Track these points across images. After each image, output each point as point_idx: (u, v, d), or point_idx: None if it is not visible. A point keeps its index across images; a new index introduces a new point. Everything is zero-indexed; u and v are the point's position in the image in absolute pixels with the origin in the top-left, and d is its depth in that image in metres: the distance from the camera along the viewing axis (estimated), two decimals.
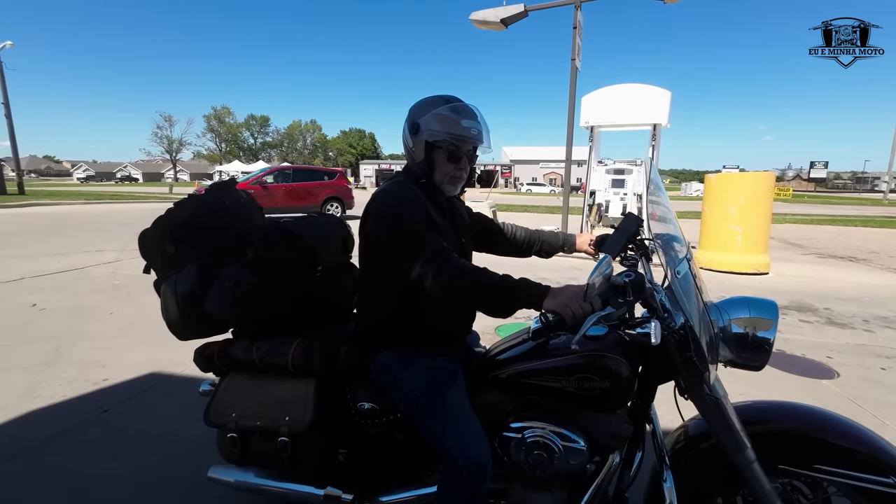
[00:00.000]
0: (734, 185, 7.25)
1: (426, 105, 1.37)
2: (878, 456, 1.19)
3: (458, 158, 1.37)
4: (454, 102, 1.36)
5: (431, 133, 1.33)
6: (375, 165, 65.63)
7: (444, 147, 1.35)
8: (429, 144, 1.35)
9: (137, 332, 3.98)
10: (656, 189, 1.44)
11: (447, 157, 1.36)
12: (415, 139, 1.36)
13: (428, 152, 1.36)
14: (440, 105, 1.34)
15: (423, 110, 1.36)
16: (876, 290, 6.10)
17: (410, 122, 1.37)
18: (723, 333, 1.22)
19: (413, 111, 1.39)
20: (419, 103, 1.39)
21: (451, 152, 1.36)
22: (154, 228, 1.59)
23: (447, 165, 1.38)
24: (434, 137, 1.33)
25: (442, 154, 1.36)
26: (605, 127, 9.48)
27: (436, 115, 1.33)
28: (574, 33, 8.05)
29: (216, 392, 1.48)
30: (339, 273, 1.74)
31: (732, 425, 1.20)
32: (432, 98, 1.38)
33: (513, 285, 1.16)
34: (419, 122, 1.34)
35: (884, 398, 2.98)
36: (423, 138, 1.34)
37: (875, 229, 14.38)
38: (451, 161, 1.37)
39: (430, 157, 1.37)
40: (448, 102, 1.35)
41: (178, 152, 75.40)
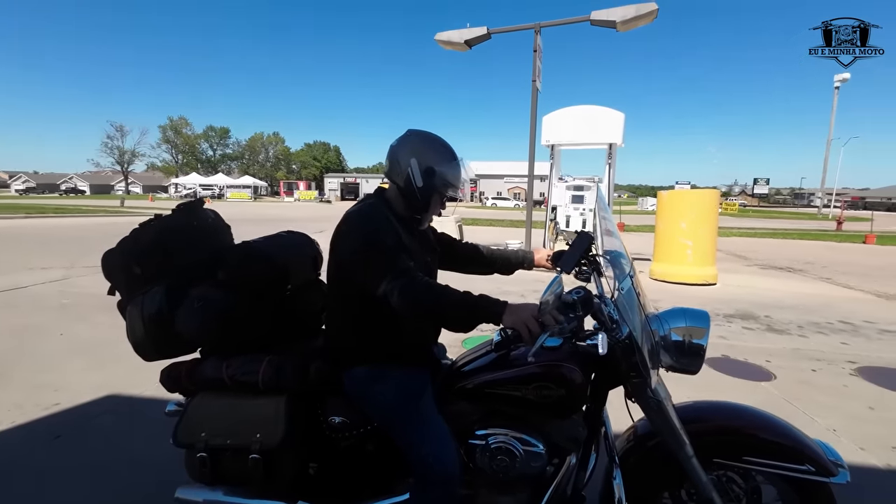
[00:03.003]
0: (684, 201, 7.74)
1: (438, 151, 1.48)
2: (797, 447, 1.36)
3: (448, 202, 1.55)
4: (460, 158, 1.51)
5: (446, 183, 1.47)
6: (340, 179, 65.02)
7: (446, 195, 1.51)
8: (436, 189, 1.47)
9: (93, 353, 3.80)
10: (603, 207, 1.59)
11: (440, 202, 1.53)
12: (426, 181, 1.45)
13: (428, 193, 1.47)
14: (453, 158, 1.49)
15: (437, 157, 1.46)
16: (810, 298, 6.64)
17: (425, 166, 1.43)
18: (663, 341, 1.37)
19: (420, 150, 1.46)
20: (429, 145, 1.49)
21: (449, 198, 1.53)
22: (119, 249, 1.58)
23: (439, 208, 1.54)
24: (445, 185, 1.47)
25: (438, 198, 1.51)
26: (564, 145, 9.91)
27: (451, 167, 1.47)
28: (534, 56, 8.43)
29: (185, 412, 1.49)
30: (309, 290, 1.79)
31: (673, 425, 1.33)
32: (441, 143, 1.50)
33: (473, 302, 1.26)
34: (436, 168, 1.44)
35: (814, 398, 3.27)
36: (435, 183, 1.45)
37: (811, 241, 15.59)
38: (442, 206, 1.55)
39: (428, 197, 1.49)
40: (455, 157, 1.50)
41: (131, 164, 71.89)
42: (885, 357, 4.18)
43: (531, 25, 8.47)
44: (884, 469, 2.42)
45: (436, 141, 1.50)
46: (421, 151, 1.46)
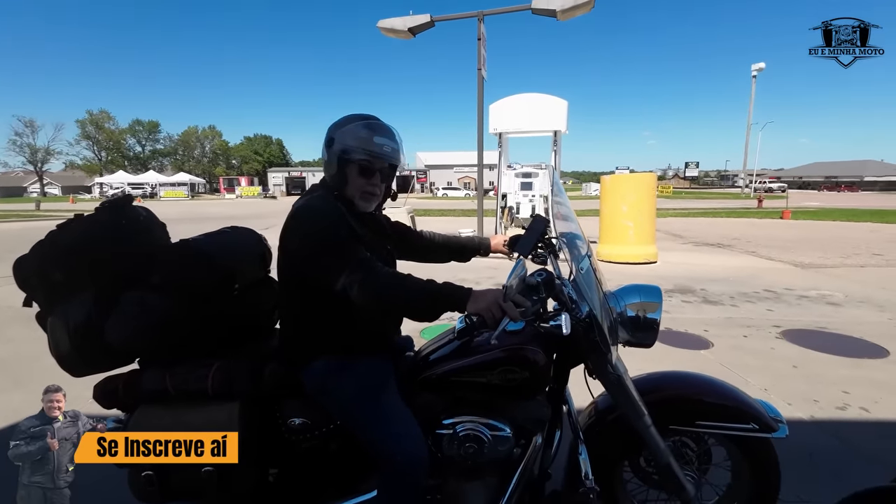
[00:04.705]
0: (625, 185, 8.13)
1: (343, 122, 1.41)
2: (742, 408, 1.46)
3: (369, 174, 1.41)
4: (370, 120, 1.41)
5: (344, 146, 1.37)
6: (285, 173, 62.54)
7: (356, 162, 1.39)
8: (341, 158, 1.38)
9: (8, 370, 3.42)
10: (558, 192, 1.61)
11: (358, 172, 1.40)
12: (329, 152, 1.40)
13: (341, 166, 1.39)
14: (356, 122, 1.39)
15: (340, 125, 1.40)
16: (739, 271, 7.22)
17: (327, 137, 1.41)
18: (620, 318, 1.41)
19: (331, 127, 1.42)
20: (338, 120, 1.43)
21: (363, 167, 1.40)
22: (33, 255, 1.41)
23: (359, 180, 1.41)
24: (346, 151, 1.37)
25: (354, 168, 1.40)
26: (511, 133, 10.08)
27: (350, 130, 1.38)
28: (479, 44, 8.45)
29: (125, 428, 1.36)
30: (258, 288, 1.69)
31: (632, 397, 1.39)
32: (351, 116, 1.43)
33: (437, 290, 1.23)
34: (334, 136, 1.39)
35: (747, 361, 3.56)
36: (336, 151, 1.38)
37: (737, 219, 16.96)
38: (363, 176, 1.41)
39: (343, 171, 1.40)
40: (364, 120, 1.40)
41: (45, 163, 65.11)
42: (804, 320, 4.63)
43: (474, 13, 8.47)
44: (808, 421, 2.68)
45: (347, 116, 1.44)
46: (328, 130, 1.42)
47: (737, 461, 1.55)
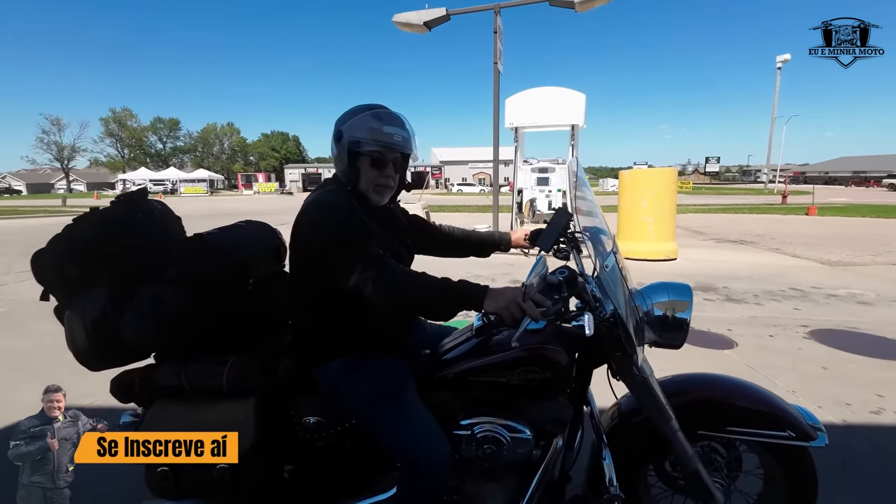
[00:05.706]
0: (644, 180, 7.94)
1: (351, 113, 1.36)
2: (778, 414, 1.38)
3: (382, 165, 1.36)
4: (377, 109, 1.36)
5: (353, 139, 1.32)
6: (302, 169, 63.08)
7: (366, 154, 1.34)
8: (351, 151, 1.33)
9: (31, 364, 3.50)
10: (581, 185, 1.54)
11: (370, 164, 1.35)
12: (338, 146, 1.35)
13: (352, 160, 1.35)
14: (363, 112, 1.34)
15: (348, 118, 1.35)
16: (763, 268, 6.99)
17: (335, 131, 1.36)
18: (646, 317, 1.34)
19: (338, 121, 1.38)
20: (344, 113, 1.38)
21: (375, 159, 1.35)
22: (50, 249, 1.40)
23: (371, 172, 1.36)
24: (356, 144, 1.32)
25: (365, 161, 1.35)
26: (528, 128, 9.94)
27: (358, 121, 1.33)
28: (495, 38, 8.33)
29: (141, 423, 1.36)
30: (272, 283, 1.66)
31: (659, 400, 1.32)
32: (358, 107, 1.38)
33: (453, 289, 1.18)
34: (342, 129, 1.34)
35: (773, 362, 3.43)
36: (345, 145, 1.33)
37: (759, 215, 16.47)
38: (375, 168, 1.36)
39: (354, 164, 1.35)
40: (371, 110, 1.35)
41: (71, 160, 66.93)
42: (833, 319, 4.45)
43: (490, 6, 8.35)
44: (840, 425, 2.56)
45: (354, 107, 1.39)
46: (336, 123, 1.38)
47: (770, 469, 1.47)
